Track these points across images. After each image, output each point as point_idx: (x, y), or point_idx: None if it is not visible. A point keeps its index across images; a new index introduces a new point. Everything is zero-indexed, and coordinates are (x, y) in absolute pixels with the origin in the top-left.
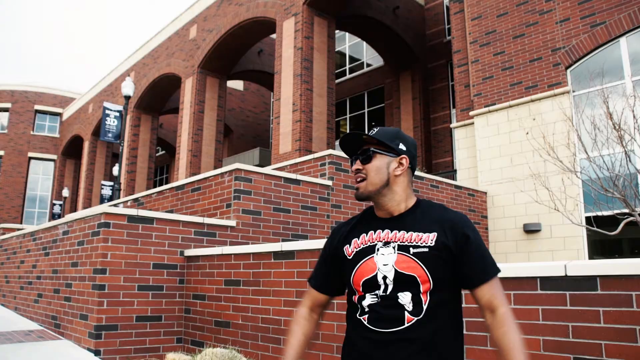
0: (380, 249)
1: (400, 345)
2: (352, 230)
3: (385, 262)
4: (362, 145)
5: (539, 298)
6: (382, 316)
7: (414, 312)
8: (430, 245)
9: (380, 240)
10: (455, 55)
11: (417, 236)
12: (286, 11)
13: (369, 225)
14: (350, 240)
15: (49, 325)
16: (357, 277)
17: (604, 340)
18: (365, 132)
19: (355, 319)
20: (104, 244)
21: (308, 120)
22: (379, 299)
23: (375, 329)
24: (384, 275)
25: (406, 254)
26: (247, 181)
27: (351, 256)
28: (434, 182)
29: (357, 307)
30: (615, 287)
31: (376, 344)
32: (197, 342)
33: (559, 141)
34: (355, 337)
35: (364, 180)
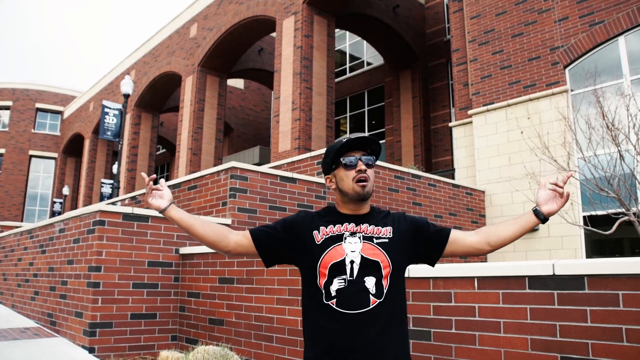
0: (348, 238)
1: (366, 324)
2: (319, 219)
3: (353, 249)
4: (365, 149)
5: (527, 297)
6: (350, 300)
7: (377, 294)
8: (389, 236)
9: (347, 230)
10: (454, 54)
11: (378, 229)
12: (286, 10)
13: (335, 219)
14: (318, 227)
15: (45, 323)
16: (326, 260)
17: (591, 339)
18: (377, 142)
19: (323, 304)
20: (99, 241)
21: (307, 119)
22: (347, 283)
23: (345, 311)
24: (352, 260)
25: (371, 243)
26: (243, 179)
27: (320, 242)
28: (431, 181)
29: (321, 292)
30: (602, 286)
31: (345, 325)
32: (191, 340)
33: (556, 140)
34: (323, 321)
35: (367, 182)
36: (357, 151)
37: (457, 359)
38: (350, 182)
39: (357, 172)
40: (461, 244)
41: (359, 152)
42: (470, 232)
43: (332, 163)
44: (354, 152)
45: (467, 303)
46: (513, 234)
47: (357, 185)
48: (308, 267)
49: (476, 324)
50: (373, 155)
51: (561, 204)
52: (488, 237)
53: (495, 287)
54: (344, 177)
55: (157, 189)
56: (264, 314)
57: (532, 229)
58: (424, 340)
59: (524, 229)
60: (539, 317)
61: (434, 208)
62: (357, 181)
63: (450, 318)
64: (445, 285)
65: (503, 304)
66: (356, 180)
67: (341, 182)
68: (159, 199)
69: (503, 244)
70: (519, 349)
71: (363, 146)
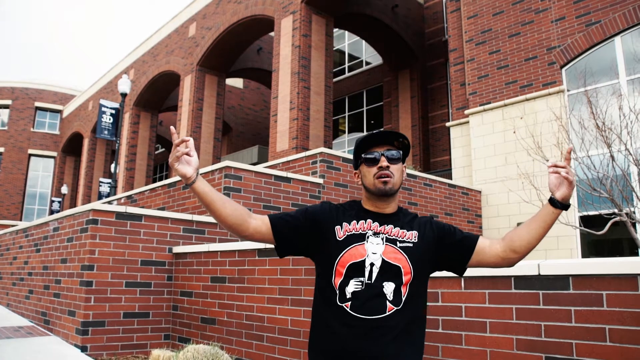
0: (370, 238)
1: (380, 332)
2: (343, 213)
3: (375, 250)
4: (389, 144)
5: (513, 297)
6: (365, 304)
7: (395, 301)
8: (414, 241)
9: (371, 229)
10: (451, 53)
11: (403, 232)
12: (284, 9)
13: (359, 215)
14: (341, 222)
15: (38, 322)
16: (345, 259)
17: (575, 339)
18: (402, 135)
19: (336, 305)
20: (92, 240)
21: (305, 119)
22: (364, 286)
23: (359, 315)
24: (372, 262)
25: (394, 246)
26: (237, 179)
27: (342, 238)
28: (427, 180)
29: (335, 292)
30: (587, 286)
31: (358, 330)
32: (184, 339)
33: (550, 140)
34: (334, 324)
35: (390, 178)
36: (381, 146)
37: (443, 358)
38: (372, 178)
39: (379, 168)
40: (488, 253)
41: (383, 147)
42: (498, 240)
43: (356, 158)
44: (378, 147)
45: (454, 303)
46: (536, 232)
47: (378, 181)
48: (324, 263)
49: (463, 323)
50: (401, 150)
51: (569, 186)
52: (512, 243)
53: (481, 287)
54: (366, 174)
55: (187, 153)
56: (255, 313)
57: (554, 220)
58: None
59: (545, 223)
60: (524, 317)
61: (429, 208)
62: (378, 177)
63: (437, 318)
64: (433, 284)
65: (489, 304)
66: (377, 177)
67: (364, 178)
68: (186, 165)
69: (529, 246)
70: (505, 348)
71: (389, 140)
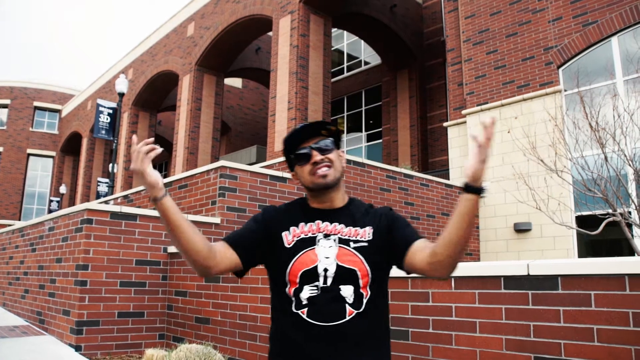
0: (321, 241)
1: (340, 338)
2: (287, 217)
3: (327, 254)
4: (318, 135)
5: (502, 297)
6: (322, 309)
7: (355, 305)
8: (369, 239)
9: (321, 231)
10: (449, 53)
11: (356, 231)
12: (282, 9)
13: (306, 216)
14: (288, 228)
15: (34, 321)
16: (296, 267)
17: (564, 339)
18: (328, 122)
19: (291, 313)
20: (86, 240)
21: (303, 119)
22: (319, 290)
23: (316, 322)
24: (325, 268)
25: (347, 248)
26: (232, 178)
27: (291, 245)
28: (423, 180)
29: (291, 300)
30: (575, 286)
31: (316, 337)
32: (178, 339)
33: (545, 141)
34: (291, 332)
35: (329, 169)
36: (310, 140)
37: (433, 358)
38: (308, 176)
39: (313, 164)
40: (418, 256)
41: (312, 141)
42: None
43: (288, 160)
44: (307, 142)
45: (444, 303)
46: (453, 226)
47: (316, 177)
48: (276, 273)
49: (453, 323)
50: (332, 137)
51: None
52: (435, 245)
53: (471, 287)
54: (302, 173)
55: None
56: (248, 312)
57: (470, 209)
58: (402, 339)
59: (461, 213)
60: (513, 317)
61: (426, 208)
62: (314, 173)
63: (427, 318)
64: (424, 284)
65: (479, 304)
66: (313, 173)
67: (301, 178)
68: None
69: (449, 244)
70: (494, 348)
71: (316, 132)
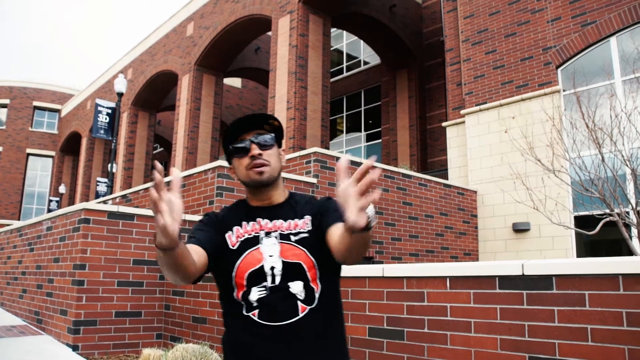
0: (264, 239)
1: (295, 336)
2: (229, 219)
3: (271, 252)
4: (259, 128)
5: (497, 297)
6: (274, 309)
7: (307, 301)
8: (309, 229)
9: (263, 229)
10: (447, 53)
11: (295, 223)
12: (282, 9)
13: (248, 215)
14: (232, 228)
15: (31, 321)
16: (242, 268)
17: (558, 339)
18: (270, 116)
19: (243, 316)
20: (83, 239)
21: (302, 118)
22: (268, 290)
23: (269, 323)
24: (272, 266)
25: (289, 242)
26: (230, 178)
27: (235, 246)
28: (422, 180)
29: (241, 304)
30: (570, 286)
31: (270, 339)
32: (175, 338)
33: (545, 141)
34: (243, 336)
35: (266, 166)
36: (250, 132)
37: (429, 358)
38: (244, 170)
39: (250, 158)
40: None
41: (252, 133)
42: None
43: (226, 151)
44: (247, 135)
45: (440, 303)
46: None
47: (253, 172)
48: (223, 277)
49: (448, 323)
50: (273, 132)
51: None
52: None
53: (466, 287)
54: (238, 166)
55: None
56: None
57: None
58: (398, 339)
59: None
60: (508, 317)
61: (424, 208)
62: (251, 168)
63: (423, 317)
64: (419, 284)
65: (474, 304)
66: (250, 168)
67: (237, 171)
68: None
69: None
70: (489, 348)
71: (257, 125)
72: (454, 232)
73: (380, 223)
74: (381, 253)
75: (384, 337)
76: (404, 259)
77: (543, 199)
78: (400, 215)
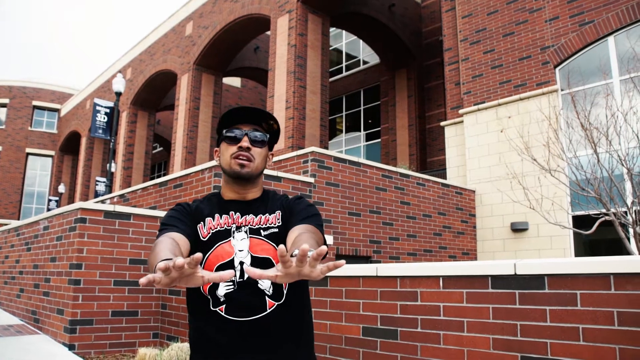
0: (235, 233)
1: (263, 332)
2: (201, 210)
3: (241, 247)
4: (257, 124)
5: (490, 297)
6: (241, 304)
7: (275, 296)
8: (279, 224)
9: (235, 223)
10: (446, 53)
11: (266, 218)
12: (280, 8)
13: (220, 208)
14: (204, 219)
15: (29, 320)
16: (212, 261)
17: (550, 339)
18: (272, 116)
19: (209, 311)
20: (79, 239)
21: (301, 118)
22: (236, 285)
23: (236, 318)
24: (241, 261)
25: (258, 237)
26: None
27: (206, 238)
28: (420, 180)
29: (207, 299)
30: (562, 286)
31: (237, 334)
32: (172, 337)
33: (542, 140)
34: (210, 331)
35: (250, 162)
36: (248, 125)
37: (422, 357)
38: (229, 157)
39: (238, 148)
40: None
41: (249, 126)
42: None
43: (219, 134)
44: (244, 126)
45: (433, 302)
46: None
47: (234, 162)
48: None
49: (441, 323)
50: (269, 133)
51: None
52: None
53: (459, 287)
54: (224, 151)
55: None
56: None
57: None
58: (391, 339)
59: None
60: (501, 317)
61: (422, 207)
62: (235, 157)
63: (416, 317)
64: (412, 284)
65: (467, 304)
66: (234, 157)
67: (222, 156)
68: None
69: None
70: (481, 348)
71: (256, 120)
72: (452, 232)
73: (378, 222)
74: (379, 252)
75: (378, 336)
76: (401, 258)
77: (540, 199)
78: (398, 215)
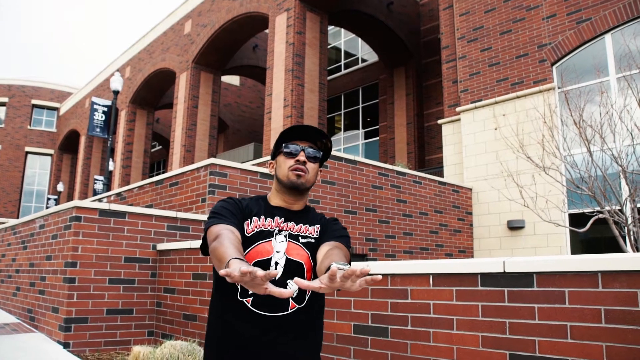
0: (277, 236)
1: (280, 330)
2: (250, 208)
3: (279, 249)
4: (312, 142)
5: (479, 294)
6: (267, 301)
7: (298, 299)
8: (316, 236)
9: (278, 226)
10: (443, 51)
11: (306, 228)
12: (279, 6)
13: (267, 211)
14: (251, 217)
15: (25, 319)
16: (252, 255)
17: (538, 336)
18: (327, 135)
19: (237, 301)
20: (74, 237)
21: (299, 116)
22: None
23: (260, 312)
24: (276, 261)
25: (296, 242)
26: (222, 176)
27: (250, 234)
28: (416, 178)
29: (237, 288)
30: (550, 283)
31: (259, 327)
32: (167, 335)
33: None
34: (234, 320)
35: (305, 174)
36: (305, 142)
37: (412, 355)
38: (287, 169)
39: (296, 161)
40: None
41: (306, 143)
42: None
43: (276, 148)
44: (301, 142)
45: (423, 300)
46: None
47: (292, 173)
48: None
49: (431, 320)
50: (322, 151)
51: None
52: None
53: (449, 284)
54: (282, 164)
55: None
56: None
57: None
58: (382, 336)
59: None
60: (490, 315)
61: (419, 205)
62: (293, 170)
63: (406, 315)
64: (403, 282)
65: (456, 301)
66: (292, 169)
67: (279, 168)
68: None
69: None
70: (471, 346)
71: (313, 138)
72: (448, 230)
73: (374, 220)
74: (375, 250)
75: (369, 334)
76: (397, 256)
77: (534, 197)
78: (395, 213)
